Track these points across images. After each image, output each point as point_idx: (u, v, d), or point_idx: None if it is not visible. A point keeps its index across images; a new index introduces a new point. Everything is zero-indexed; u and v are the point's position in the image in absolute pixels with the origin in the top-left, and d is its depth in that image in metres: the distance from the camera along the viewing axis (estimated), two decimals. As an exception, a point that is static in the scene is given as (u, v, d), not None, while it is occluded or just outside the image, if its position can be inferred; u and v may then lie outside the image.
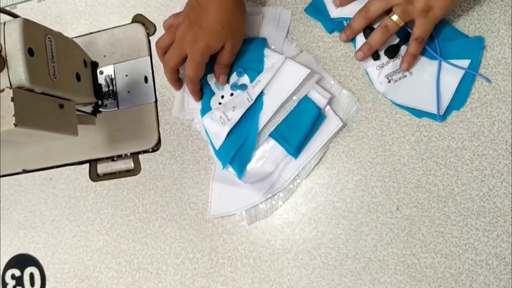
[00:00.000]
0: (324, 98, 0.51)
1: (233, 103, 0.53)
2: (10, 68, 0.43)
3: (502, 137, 0.48)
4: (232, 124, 0.52)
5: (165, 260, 0.56)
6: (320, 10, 0.55)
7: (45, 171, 0.63)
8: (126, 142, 0.60)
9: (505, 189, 0.47)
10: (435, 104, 0.49)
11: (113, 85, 0.62)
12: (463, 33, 0.50)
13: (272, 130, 0.52)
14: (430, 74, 0.50)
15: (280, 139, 0.51)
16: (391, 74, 0.51)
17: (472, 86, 0.49)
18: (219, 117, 0.53)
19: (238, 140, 0.52)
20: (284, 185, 0.52)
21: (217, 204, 0.54)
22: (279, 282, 0.51)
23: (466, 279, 0.46)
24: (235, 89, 0.54)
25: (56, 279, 0.60)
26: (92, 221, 0.60)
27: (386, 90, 0.51)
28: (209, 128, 0.54)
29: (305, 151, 0.51)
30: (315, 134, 0.51)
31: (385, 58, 0.51)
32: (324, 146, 0.51)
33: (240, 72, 0.54)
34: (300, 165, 0.51)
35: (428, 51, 0.50)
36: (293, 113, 0.51)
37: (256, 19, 0.56)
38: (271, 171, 0.52)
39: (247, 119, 0.52)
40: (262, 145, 0.53)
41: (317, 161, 0.51)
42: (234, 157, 0.52)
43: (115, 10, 0.65)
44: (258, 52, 0.54)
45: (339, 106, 0.52)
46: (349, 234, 0.50)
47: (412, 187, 0.49)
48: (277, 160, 0.52)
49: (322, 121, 0.51)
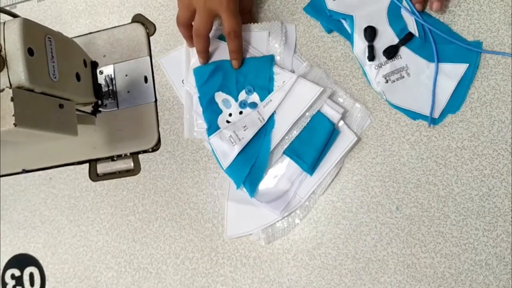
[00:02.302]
0: (338, 113, 0.50)
1: (243, 123, 0.52)
2: (10, 68, 0.43)
3: (502, 137, 0.48)
4: (243, 144, 0.51)
5: (165, 260, 0.56)
6: (319, 9, 0.54)
7: (45, 171, 0.63)
8: (126, 142, 0.60)
9: (505, 189, 0.47)
10: (424, 107, 0.49)
11: (113, 85, 0.62)
12: (462, 37, 0.50)
13: (285, 147, 0.51)
14: (428, 76, 0.50)
15: (294, 156, 0.51)
16: (389, 74, 0.51)
17: (471, 87, 0.49)
18: (228, 137, 0.52)
19: (249, 159, 0.52)
20: (300, 202, 0.51)
21: (233, 224, 0.53)
22: (279, 282, 0.51)
23: (466, 279, 0.46)
24: (244, 107, 0.53)
25: (56, 279, 0.60)
26: (92, 221, 0.60)
27: (383, 90, 0.51)
28: (217, 148, 0.53)
29: (321, 168, 0.51)
30: (329, 150, 0.51)
31: (384, 58, 0.51)
32: (339, 162, 0.51)
33: (250, 90, 0.53)
34: (316, 182, 0.51)
35: (427, 53, 0.50)
36: (306, 129, 0.51)
37: (263, 35, 0.55)
38: (286, 189, 0.51)
39: (258, 138, 0.52)
40: (276, 163, 0.52)
41: (333, 177, 0.51)
42: (246, 176, 0.51)
43: (115, 10, 0.65)
44: (266, 70, 0.53)
45: (353, 120, 0.51)
46: (348, 234, 0.50)
47: (412, 187, 0.49)
48: (292, 177, 0.51)
49: (336, 136, 0.51)
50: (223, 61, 0.55)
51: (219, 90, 0.54)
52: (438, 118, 0.49)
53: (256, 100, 0.53)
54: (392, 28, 0.51)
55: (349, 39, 0.53)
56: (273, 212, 0.51)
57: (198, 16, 0.51)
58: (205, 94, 0.54)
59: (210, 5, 0.50)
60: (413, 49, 0.50)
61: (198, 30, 0.52)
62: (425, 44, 0.50)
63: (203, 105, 0.54)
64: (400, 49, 0.51)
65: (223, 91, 0.54)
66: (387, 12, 0.51)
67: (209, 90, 0.54)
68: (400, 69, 0.51)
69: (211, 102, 0.54)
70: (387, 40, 0.51)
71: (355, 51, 0.52)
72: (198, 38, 0.52)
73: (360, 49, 0.52)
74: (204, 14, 0.51)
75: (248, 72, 0.54)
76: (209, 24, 0.52)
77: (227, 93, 0.54)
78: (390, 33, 0.51)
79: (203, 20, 0.51)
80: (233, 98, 0.54)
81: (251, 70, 0.54)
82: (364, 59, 0.52)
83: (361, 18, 0.52)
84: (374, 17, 0.52)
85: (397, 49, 0.51)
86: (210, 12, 0.51)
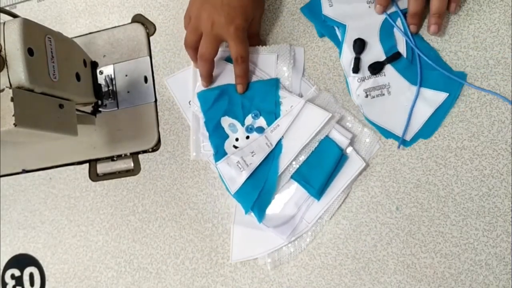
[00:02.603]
0: (346, 138, 0.50)
1: (251, 148, 0.52)
2: (10, 68, 0.43)
3: (502, 137, 0.48)
4: (251, 170, 0.51)
5: (165, 260, 0.56)
6: (315, 12, 0.54)
7: (45, 171, 0.63)
8: (125, 142, 0.60)
9: (504, 189, 0.47)
10: (397, 127, 0.50)
11: (113, 85, 0.62)
12: (448, 66, 0.50)
13: (293, 172, 0.51)
14: (407, 98, 0.50)
15: (302, 181, 0.51)
16: (370, 89, 0.51)
17: (450, 111, 0.49)
18: (236, 162, 0.51)
19: (258, 184, 0.51)
20: (307, 227, 0.51)
21: (239, 248, 0.53)
22: (279, 282, 0.51)
23: (466, 279, 0.46)
24: (251, 132, 0.53)
25: (56, 279, 0.60)
26: (92, 221, 0.60)
27: (361, 103, 0.51)
28: (224, 173, 0.52)
29: (328, 193, 0.50)
30: (337, 175, 0.50)
31: (368, 72, 0.51)
32: (347, 188, 0.50)
33: (256, 114, 0.53)
34: (323, 207, 0.50)
35: (411, 75, 0.50)
36: (314, 154, 0.51)
37: (272, 58, 0.55)
38: (293, 214, 0.51)
39: (266, 163, 0.51)
40: (284, 188, 0.52)
41: (340, 203, 0.50)
42: (255, 201, 0.51)
43: (115, 10, 0.65)
44: (272, 94, 0.53)
45: (361, 145, 0.51)
46: (348, 234, 0.50)
47: (412, 187, 0.49)
48: (299, 202, 0.51)
49: (345, 162, 0.50)
50: (228, 85, 0.54)
51: (225, 115, 0.54)
52: (410, 141, 0.50)
53: (263, 125, 0.53)
54: (381, 44, 0.51)
55: (339, 47, 0.53)
56: (280, 237, 0.50)
57: (204, 41, 0.51)
58: (211, 119, 0.54)
59: (217, 31, 0.50)
60: (398, 69, 0.51)
61: (203, 55, 0.51)
62: (410, 66, 0.50)
63: (209, 130, 0.54)
64: (386, 67, 0.51)
65: (229, 115, 0.54)
66: (380, 28, 0.52)
67: (215, 115, 0.54)
68: (382, 86, 0.51)
69: (217, 127, 0.54)
70: (375, 55, 0.51)
71: (341, 60, 0.53)
72: (202, 62, 0.52)
73: (346, 60, 0.52)
74: (210, 39, 0.51)
75: (254, 96, 0.53)
76: (214, 50, 0.51)
77: (233, 118, 0.54)
78: (378, 49, 0.51)
79: (209, 46, 0.51)
80: (239, 122, 0.54)
81: (257, 94, 0.53)
82: (349, 70, 0.52)
83: (353, 29, 0.52)
84: (366, 30, 0.52)
85: (382, 66, 0.51)
86: (217, 38, 0.51)
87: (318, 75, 0.54)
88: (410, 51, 0.51)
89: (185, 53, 0.59)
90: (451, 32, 0.51)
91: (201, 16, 0.51)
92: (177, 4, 0.62)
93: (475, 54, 0.49)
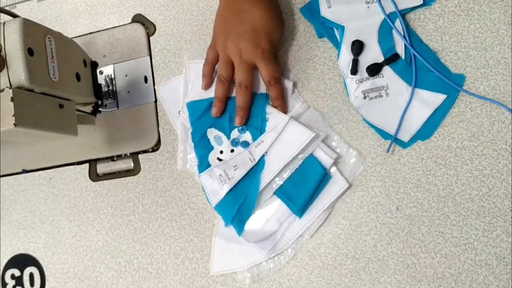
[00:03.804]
0: (330, 158, 0.50)
1: (234, 162, 0.52)
2: (10, 68, 0.43)
3: (502, 137, 0.48)
4: (232, 183, 0.51)
5: (165, 260, 0.56)
6: (314, 12, 0.54)
7: (45, 171, 0.63)
8: (125, 142, 0.60)
9: (504, 189, 0.47)
10: (395, 129, 0.50)
11: (113, 85, 0.62)
12: (446, 68, 0.50)
13: (276, 188, 0.51)
14: (405, 99, 0.50)
15: (285, 198, 0.51)
16: (369, 91, 0.51)
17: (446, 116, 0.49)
18: (218, 175, 0.52)
19: (238, 198, 0.52)
20: (287, 244, 0.51)
21: (219, 260, 0.53)
22: (279, 282, 0.51)
23: (466, 279, 0.46)
24: (236, 145, 0.53)
25: (56, 279, 0.60)
26: (92, 221, 0.60)
27: (360, 105, 0.51)
28: (207, 186, 0.53)
29: (310, 211, 0.50)
30: (320, 194, 0.50)
31: (366, 74, 0.51)
32: (329, 207, 0.50)
33: (243, 128, 0.53)
34: (305, 225, 0.50)
35: (409, 76, 0.50)
36: (298, 172, 0.51)
37: None
38: (275, 230, 0.51)
39: (247, 178, 0.52)
40: (266, 204, 0.52)
41: (322, 222, 0.50)
42: (234, 215, 0.52)
43: (115, 10, 0.65)
44: (260, 109, 0.53)
45: (345, 165, 0.51)
46: (348, 234, 0.50)
47: (412, 187, 0.49)
48: (281, 218, 0.51)
49: (328, 182, 0.50)
50: None
51: (211, 127, 0.54)
52: (408, 143, 0.50)
53: (248, 139, 0.53)
54: (380, 45, 0.51)
55: (338, 48, 0.53)
56: (260, 252, 0.50)
57: (238, 71, 0.52)
58: (198, 130, 0.55)
59: (246, 58, 0.51)
60: (396, 70, 0.51)
61: (241, 83, 0.52)
62: (409, 68, 0.50)
63: (195, 140, 0.55)
64: (384, 68, 0.51)
65: (215, 127, 0.54)
66: (378, 29, 0.51)
67: (202, 126, 0.54)
68: (380, 88, 0.51)
69: (203, 138, 0.54)
70: (373, 57, 0.51)
71: (340, 61, 0.53)
72: (242, 90, 0.52)
73: (345, 61, 0.52)
74: (244, 68, 0.51)
75: None
76: (250, 77, 0.52)
77: (219, 130, 0.54)
78: (377, 50, 0.51)
79: (244, 74, 0.51)
80: (225, 135, 0.54)
81: None
82: (347, 71, 0.52)
83: (351, 30, 0.52)
84: (364, 31, 0.52)
85: (380, 67, 0.51)
86: (249, 64, 0.51)
87: (318, 75, 0.54)
88: (408, 52, 0.51)
89: (185, 53, 0.60)
90: (451, 32, 0.51)
91: (228, 47, 0.52)
92: (177, 4, 0.62)
93: (475, 54, 0.49)
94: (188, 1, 0.61)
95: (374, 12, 0.52)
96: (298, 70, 0.55)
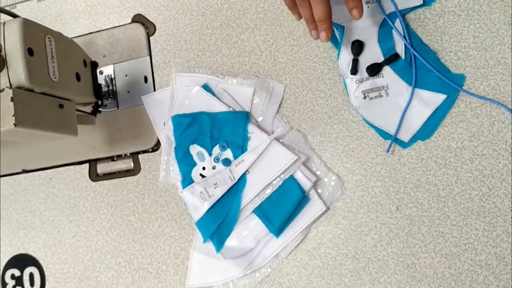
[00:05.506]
0: (309, 181, 0.51)
1: (215, 180, 0.53)
2: (10, 68, 0.43)
3: (502, 137, 0.48)
4: (213, 201, 0.52)
5: (165, 260, 0.56)
6: None
7: (45, 171, 0.63)
8: (125, 142, 0.60)
9: (505, 189, 0.47)
10: (395, 129, 0.50)
11: (113, 85, 0.62)
12: (446, 68, 0.50)
13: (255, 207, 0.51)
14: (405, 99, 0.50)
15: (262, 217, 0.51)
16: (369, 91, 0.51)
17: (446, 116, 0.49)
18: (199, 192, 0.52)
19: (219, 215, 0.52)
20: (263, 261, 0.51)
21: (196, 274, 0.53)
22: (279, 282, 0.51)
23: (466, 279, 0.46)
24: (217, 162, 0.54)
25: (56, 279, 0.60)
26: (92, 221, 0.60)
27: (360, 105, 0.51)
28: (189, 202, 0.53)
29: (287, 232, 0.51)
30: (297, 216, 0.51)
31: (366, 74, 0.51)
32: (306, 229, 0.51)
33: (224, 146, 0.53)
34: (281, 244, 0.51)
35: (409, 76, 0.50)
36: (277, 192, 0.51)
37: (248, 91, 0.55)
38: (252, 247, 0.51)
39: (229, 195, 0.52)
40: (245, 221, 0.52)
41: (298, 243, 0.51)
42: (214, 231, 0.52)
43: (115, 10, 0.65)
44: (240, 128, 0.53)
45: (325, 188, 0.51)
46: (348, 234, 0.50)
47: (412, 187, 0.49)
48: (258, 236, 0.51)
49: (306, 204, 0.51)
50: (199, 113, 0.55)
51: (194, 143, 0.55)
52: (408, 142, 0.50)
53: (230, 157, 0.53)
54: (379, 45, 0.51)
55: (338, 48, 0.53)
56: (236, 269, 0.51)
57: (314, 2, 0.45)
58: (181, 146, 0.55)
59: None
60: (397, 70, 0.51)
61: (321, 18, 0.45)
62: (409, 68, 0.50)
63: (178, 157, 0.55)
64: (384, 68, 0.51)
65: (198, 143, 0.55)
66: (378, 29, 0.51)
67: (185, 141, 0.55)
68: (380, 88, 0.51)
69: (186, 154, 0.55)
70: (373, 57, 0.51)
71: (340, 61, 0.52)
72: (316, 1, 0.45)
73: (344, 61, 0.52)
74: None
75: (223, 127, 0.54)
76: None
77: (201, 146, 0.55)
78: (376, 50, 0.51)
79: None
80: (207, 152, 0.54)
81: (226, 125, 0.54)
82: (347, 71, 0.52)
83: (351, 30, 0.52)
84: (364, 31, 0.52)
85: (380, 67, 0.51)
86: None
87: (318, 75, 0.54)
88: (408, 52, 0.51)
89: (185, 53, 0.59)
90: (451, 32, 0.51)
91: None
92: (177, 4, 0.62)
93: (475, 54, 0.49)
94: (188, 1, 0.61)
95: (374, 12, 0.52)
96: (298, 70, 0.55)
